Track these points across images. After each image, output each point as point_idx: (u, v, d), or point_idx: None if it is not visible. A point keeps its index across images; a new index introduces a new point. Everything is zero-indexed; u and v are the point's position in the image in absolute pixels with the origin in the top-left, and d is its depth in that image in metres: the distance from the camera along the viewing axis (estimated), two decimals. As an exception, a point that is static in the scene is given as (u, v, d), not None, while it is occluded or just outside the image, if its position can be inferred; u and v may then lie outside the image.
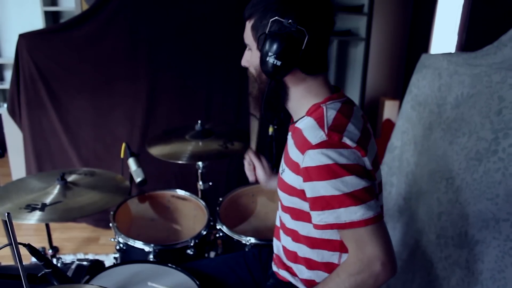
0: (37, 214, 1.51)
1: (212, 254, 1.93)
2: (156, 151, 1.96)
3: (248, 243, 1.65)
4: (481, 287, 1.45)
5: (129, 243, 1.64)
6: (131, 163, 1.85)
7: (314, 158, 1.01)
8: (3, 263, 1.82)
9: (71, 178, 1.74)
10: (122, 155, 1.95)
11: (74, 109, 2.70)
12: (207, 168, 2.03)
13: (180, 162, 1.85)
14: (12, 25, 3.17)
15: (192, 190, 2.02)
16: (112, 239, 1.78)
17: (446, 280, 1.62)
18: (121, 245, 1.67)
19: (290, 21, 1.02)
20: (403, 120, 2.21)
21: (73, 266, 1.55)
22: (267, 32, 1.04)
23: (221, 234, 1.75)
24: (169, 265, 1.39)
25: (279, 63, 1.03)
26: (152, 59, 2.65)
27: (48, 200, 1.59)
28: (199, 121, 2.01)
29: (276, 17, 1.03)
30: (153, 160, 1.97)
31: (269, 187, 1.53)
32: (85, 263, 1.58)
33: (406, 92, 2.23)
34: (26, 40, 2.57)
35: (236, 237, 1.69)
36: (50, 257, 1.95)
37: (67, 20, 2.62)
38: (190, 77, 2.71)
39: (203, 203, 1.87)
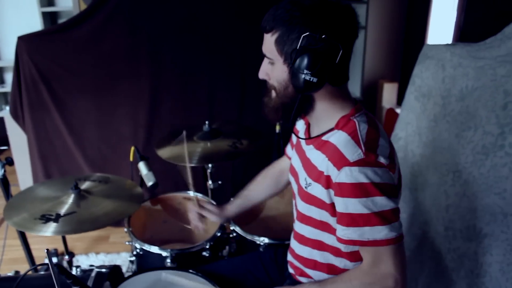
0: (52, 225, 1.54)
1: (225, 251, 1.97)
2: (164, 153, 1.99)
3: (262, 243, 1.69)
4: (490, 279, 1.50)
5: (146, 248, 1.67)
6: (142, 167, 1.87)
7: (350, 175, 1.02)
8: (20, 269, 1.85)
9: (84, 185, 1.77)
10: (131, 159, 1.97)
11: (77, 109, 2.70)
12: (215, 168, 2.06)
13: (190, 165, 1.88)
14: (10, 27, 3.15)
15: (200, 189, 2.05)
16: (128, 243, 1.82)
17: (455, 271, 1.67)
18: (138, 250, 1.70)
19: (324, 36, 0.99)
20: (407, 111, 2.23)
21: (93, 274, 1.58)
22: (298, 47, 1.01)
23: (234, 234, 1.79)
24: (190, 271, 1.43)
25: (315, 80, 1.00)
26: (154, 56, 2.66)
27: (62, 211, 1.61)
28: (206, 122, 2.03)
29: (308, 32, 1.00)
30: (159, 160, 1.99)
31: (226, 218, 1.67)
32: (104, 270, 1.62)
33: (409, 82, 2.25)
34: (25, 42, 2.56)
35: (249, 237, 1.73)
36: (67, 263, 2.00)
37: (66, 20, 2.60)
38: (192, 74, 2.72)
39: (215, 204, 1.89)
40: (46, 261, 2.50)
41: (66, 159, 2.81)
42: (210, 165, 2.03)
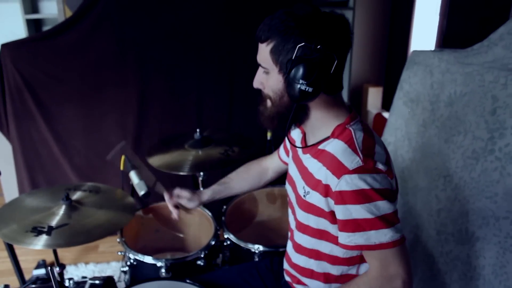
0: (43, 238, 1.50)
1: (219, 260, 1.96)
2: (155, 161, 1.97)
3: (257, 251, 1.69)
4: (484, 282, 1.53)
5: (140, 259, 1.65)
6: (133, 176, 1.84)
7: (351, 183, 1.04)
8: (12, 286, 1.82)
9: (75, 196, 1.74)
10: (122, 168, 1.94)
11: (63, 118, 2.66)
12: (207, 176, 2.05)
13: (182, 173, 1.87)
14: (-7, 35, 3.09)
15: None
16: (120, 253, 1.80)
17: (448, 274, 1.69)
18: (132, 261, 1.68)
19: (319, 46, 1.01)
20: (396, 116, 2.25)
21: (87, 286, 1.57)
22: (293, 58, 1.02)
23: (228, 242, 1.78)
24: (188, 281, 1.41)
25: (310, 89, 1.01)
26: (141, 63, 2.63)
27: (54, 223, 1.58)
28: (197, 130, 2.02)
29: (304, 43, 1.01)
30: (149, 168, 1.96)
31: (200, 202, 1.66)
32: (97, 282, 1.60)
33: (397, 88, 2.28)
34: (9, 50, 2.51)
35: (244, 245, 1.72)
36: (58, 275, 1.96)
37: (51, 27, 2.56)
38: (180, 81, 2.70)
39: (209, 213, 1.89)
40: (35, 273, 2.44)
41: (53, 168, 2.76)
42: (201, 173, 2.02)
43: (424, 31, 3.44)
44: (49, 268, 0.85)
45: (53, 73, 2.59)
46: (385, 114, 3.57)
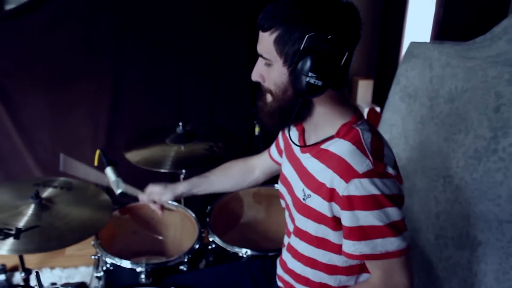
0: (10, 242, 1.45)
1: (202, 264, 1.95)
2: (134, 156, 1.95)
3: (245, 255, 1.69)
4: (485, 289, 1.57)
5: (117, 263, 1.64)
6: (109, 172, 1.81)
7: (361, 188, 1.03)
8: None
9: (46, 193, 1.71)
10: (96, 163, 1.91)
11: (28, 107, 2.61)
12: (189, 173, 2.04)
13: (163, 170, 1.85)
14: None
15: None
16: (94, 257, 1.78)
17: (448, 281, 1.73)
18: (108, 266, 1.66)
19: (330, 37, 0.99)
20: (391, 112, 2.28)
21: (59, 293, 1.55)
22: (301, 48, 1.00)
23: (213, 245, 1.78)
24: (172, 288, 1.41)
25: (320, 83, 1.00)
26: (116, 50, 2.60)
27: (22, 224, 1.53)
28: (180, 123, 2.01)
29: (313, 32, 0.98)
30: (123, 163, 1.94)
31: (175, 195, 1.68)
32: (70, 288, 1.58)
33: (393, 82, 2.30)
34: (-33, 31, 2.45)
35: (230, 248, 1.72)
36: (23, 281, 1.92)
37: (15, 6, 2.49)
38: (158, 71, 2.68)
39: (192, 214, 1.88)
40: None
41: (15, 163, 2.70)
42: (183, 171, 2.01)
43: (419, 20, 3.47)
44: (34, 273, 0.83)
45: (17, 57, 2.53)
46: (376, 109, 3.61)
